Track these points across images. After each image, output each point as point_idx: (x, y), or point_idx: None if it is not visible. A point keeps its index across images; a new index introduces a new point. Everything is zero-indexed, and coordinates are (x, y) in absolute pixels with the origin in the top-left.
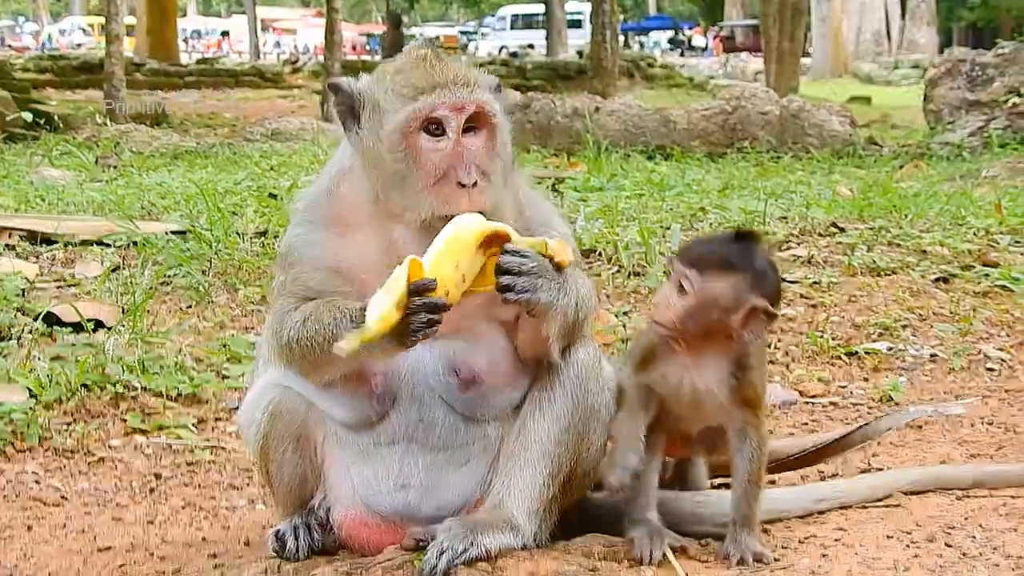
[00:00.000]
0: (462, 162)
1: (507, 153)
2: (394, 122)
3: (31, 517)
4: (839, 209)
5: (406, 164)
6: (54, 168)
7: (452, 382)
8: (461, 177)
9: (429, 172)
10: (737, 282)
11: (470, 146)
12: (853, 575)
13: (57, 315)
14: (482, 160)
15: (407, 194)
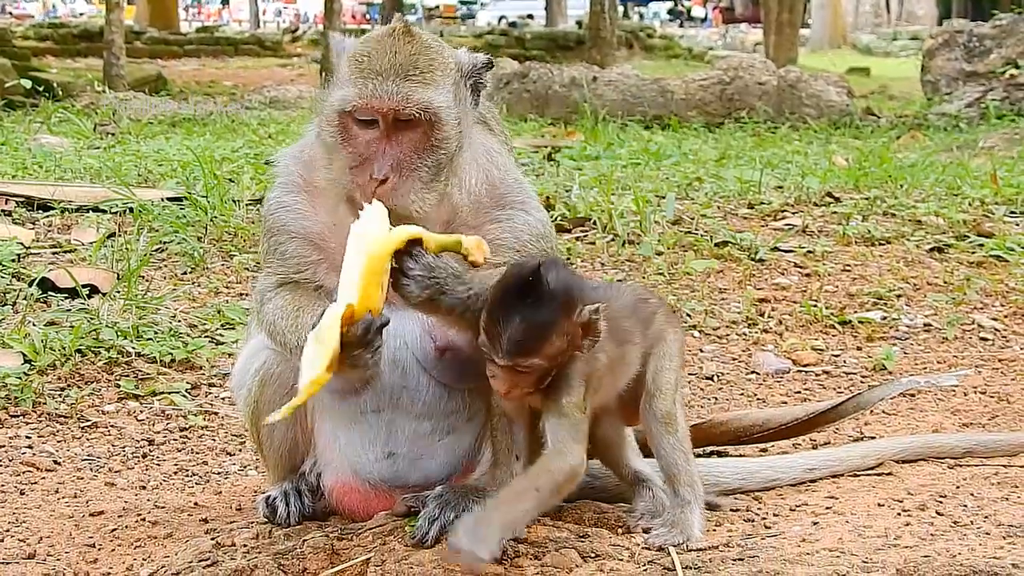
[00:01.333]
0: (380, 155)
1: (448, 146)
2: (332, 99)
3: (24, 482)
4: (835, 179)
5: (336, 141)
6: (52, 135)
7: (429, 349)
8: (375, 171)
9: (351, 155)
10: (560, 328)
11: (398, 141)
12: (844, 543)
13: (52, 281)
14: (407, 155)
15: (331, 168)
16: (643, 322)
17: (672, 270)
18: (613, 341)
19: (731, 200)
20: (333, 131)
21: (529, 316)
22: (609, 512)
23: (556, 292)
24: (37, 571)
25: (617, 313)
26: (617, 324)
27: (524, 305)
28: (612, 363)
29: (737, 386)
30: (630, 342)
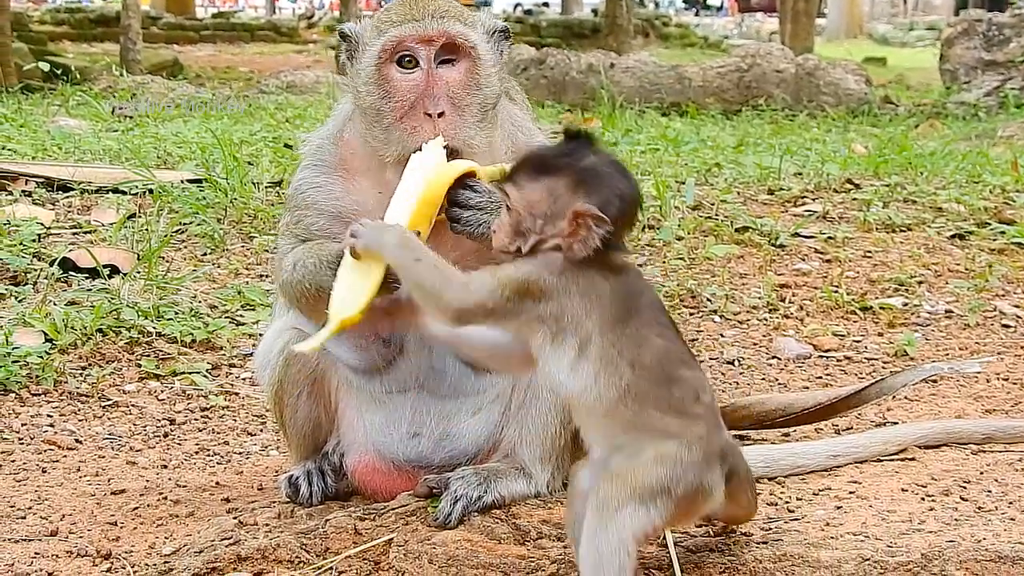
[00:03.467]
0: (430, 92)
1: (490, 87)
2: (369, 55)
3: (45, 460)
4: (854, 166)
5: (379, 97)
6: (71, 118)
7: None
8: (427, 106)
9: (399, 104)
10: (552, 186)
11: (443, 77)
12: (868, 527)
13: (73, 261)
14: (455, 92)
15: (382, 129)
16: (664, 389)
17: (692, 255)
18: (589, 301)
19: (751, 186)
20: (375, 88)
21: (550, 153)
22: None
23: (591, 160)
24: (60, 548)
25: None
26: (607, 295)
27: (557, 146)
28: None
29: (758, 371)
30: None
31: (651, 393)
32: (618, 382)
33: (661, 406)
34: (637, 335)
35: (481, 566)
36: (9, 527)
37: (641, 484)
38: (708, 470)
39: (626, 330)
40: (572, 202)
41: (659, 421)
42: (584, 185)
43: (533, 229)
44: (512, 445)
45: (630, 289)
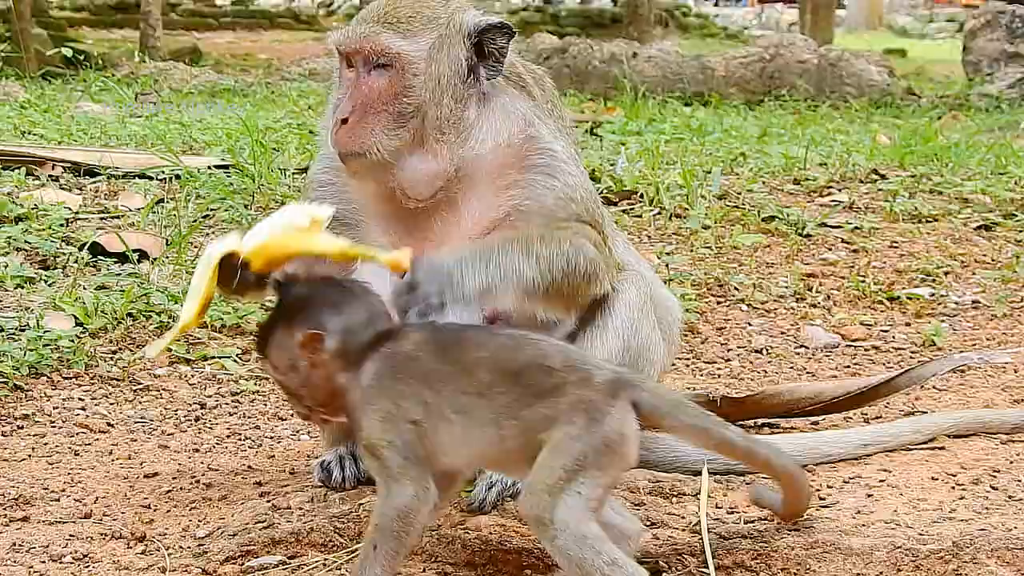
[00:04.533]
0: (347, 97)
1: (416, 96)
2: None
3: (78, 443)
4: (879, 157)
5: (335, 91)
6: (94, 103)
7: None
8: (340, 111)
9: (335, 101)
10: (276, 342)
11: (367, 85)
12: (899, 515)
13: (102, 245)
14: (371, 100)
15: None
16: (518, 386)
17: (720, 244)
18: (402, 384)
19: (776, 176)
20: (336, 81)
21: (266, 320)
22: (664, 481)
23: (286, 305)
24: (94, 531)
25: (415, 355)
26: (411, 369)
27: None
28: (420, 411)
29: (786, 360)
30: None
31: (515, 398)
32: (479, 421)
33: (527, 401)
34: (468, 364)
35: (514, 551)
36: (43, 509)
37: (556, 479)
38: (602, 423)
39: (455, 370)
40: (294, 338)
41: (534, 414)
42: (290, 320)
43: (302, 383)
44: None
45: (432, 345)
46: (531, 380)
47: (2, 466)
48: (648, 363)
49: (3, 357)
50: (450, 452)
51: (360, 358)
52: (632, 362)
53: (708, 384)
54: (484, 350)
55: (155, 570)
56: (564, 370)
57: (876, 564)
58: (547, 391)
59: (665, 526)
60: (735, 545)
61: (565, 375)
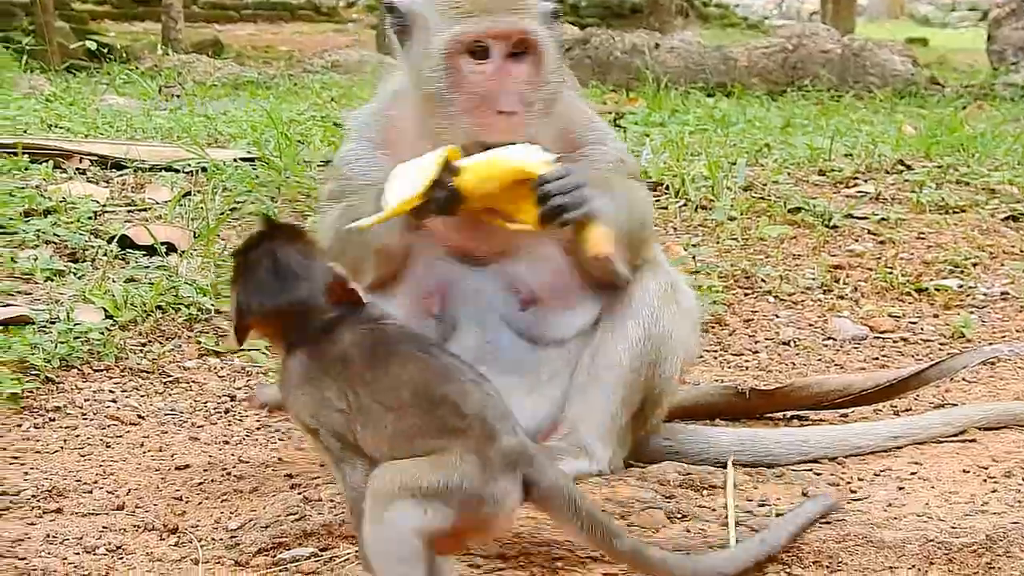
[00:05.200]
0: (503, 89)
1: (554, 81)
2: (438, 43)
3: (109, 435)
4: (905, 147)
5: (447, 86)
6: (119, 96)
7: (512, 302)
8: (501, 104)
9: (469, 96)
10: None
11: (513, 73)
12: (931, 508)
13: (130, 238)
14: (524, 88)
15: (447, 116)
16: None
17: (745, 235)
18: (329, 379)
19: (801, 167)
20: (443, 75)
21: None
22: (695, 474)
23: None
24: (127, 522)
25: (346, 355)
26: (338, 367)
27: None
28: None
29: (814, 352)
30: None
31: (419, 424)
32: (383, 431)
33: (431, 432)
34: (392, 377)
35: (545, 543)
36: (76, 501)
37: (415, 482)
38: (489, 481)
39: (379, 378)
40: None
41: (432, 444)
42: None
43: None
44: (573, 423)
45: (372, 340)
46: (440, 414)
47: (35, 458)
48: (670, 352)
49: (34, 350)
50: (368, 446)
51: (288, 340)
52: (653, 351)
53: (736, 376)
54: (412, 370)
55: (188, 562)
56: (475, 419)
57: (908, 557)
58: (448, 431)
59: (696, 519)
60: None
61: (473, 424)
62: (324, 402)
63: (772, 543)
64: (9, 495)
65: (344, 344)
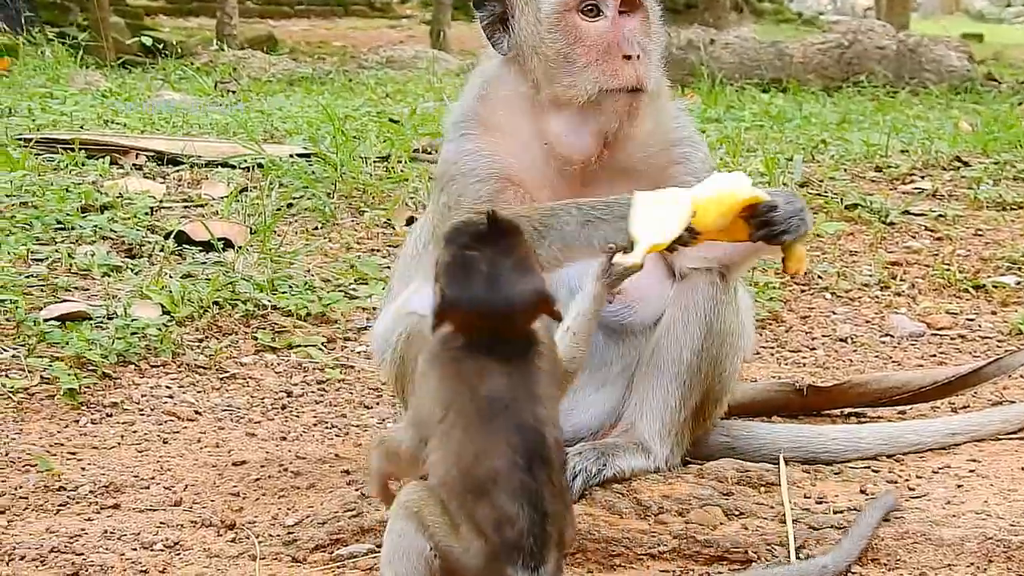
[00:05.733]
0: (623, 36)
1: (661, 36)
2: (547, 5)
3: (166, 431)
4: (961, 143)
5: (566, 43)
6: (174, 92)
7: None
8: (624, 49)
9: (591, 48)
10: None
11: (627, 23)
12: (989, 506)
13: (187, 234)
14: (640, 38)
15: (571, 72)
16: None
17: None
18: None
19: (858, 163)
20: (560, 34)
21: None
22: (752, 471)
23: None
24: (184, 518)
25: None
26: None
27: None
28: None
29: (872, 349)
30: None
31: (461, 496)
32: (442, 468)
33: (463, 511)
34: (478, 442)
35: (603, 540)
36: (133, 497)
37: (431, 525)
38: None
39: (472, 432)
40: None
41: (455, 518)
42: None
43: None
44: (632, 420)
45: (492, 392)
46: (482, 512)
47: (92, 454)
48: (731, 348)
49: (91, 345)
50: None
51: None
52: (714, 348)
53: (793, 373)
54: (498, 448)
55: (245, 558)
56: (503, 542)
57: (967, 555)
58: (478, 529)
59: (754, 516)
60: (825, 536)
61: (497, 546)
62: (433, 400)
63: (850, 552)
64: (67, 491)
65: (474, 367)
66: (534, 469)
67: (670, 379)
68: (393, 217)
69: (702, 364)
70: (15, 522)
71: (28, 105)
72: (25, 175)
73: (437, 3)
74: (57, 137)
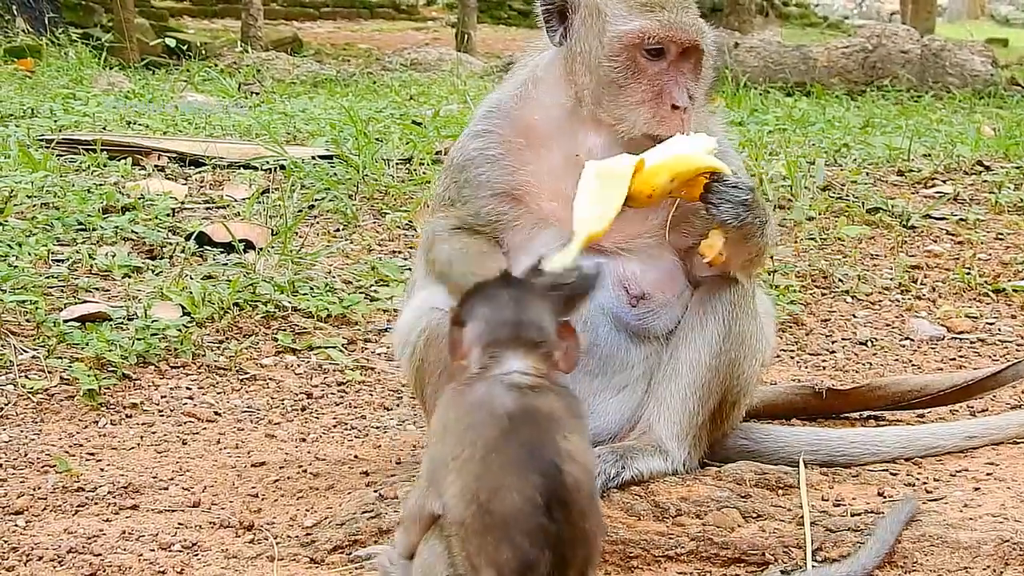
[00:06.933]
0: (677, 85)
1: (709, 78)
2: (618, 32)
3: (186, 432)
4: (984, 148)
5: (623, 75)
6: (198, 93)
7: (622, 297)
8: (676, 99)
9: (645, 88)
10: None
11: (683, 69)
12: (1007, 509)
13: (208, 235)
14: (690, 85)
15: (619, 104)
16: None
17: (824, 235)
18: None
19: (880, 167)
20: (618, 65)
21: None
22: (770, 473)
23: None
24: (203, 519)
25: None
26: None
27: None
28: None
29: (891, 352)
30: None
31: (478, 535)
32: (457, 501)
33: (484, 554)
34: (496, 477)
35: (621, 542)
36: (152, 498)
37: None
38: None
39: (489, 462)
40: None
41: (475, 560)
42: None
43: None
44: (649, 422)
45: (514, 419)
46: (505, 556)
47: (111, 455)
48: (748, 353)
49: (111, 346)
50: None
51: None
52: (732, 351)
53: (813, 376)
54: (520, 494)
55: (263, 559)
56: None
57: (983, 558)
58: (499, 570)
59: (772, 518)
60: (842, 538)
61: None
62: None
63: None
64: (85, 491)
65: (493, 393)
66: (553, 511)
67: (688, 382)
68: (415, 219)
69: (720, 368)
70: (33, 523)
71: (51, 106)
72: (47, 176)
73: (463, 5)
74: (79, 138)
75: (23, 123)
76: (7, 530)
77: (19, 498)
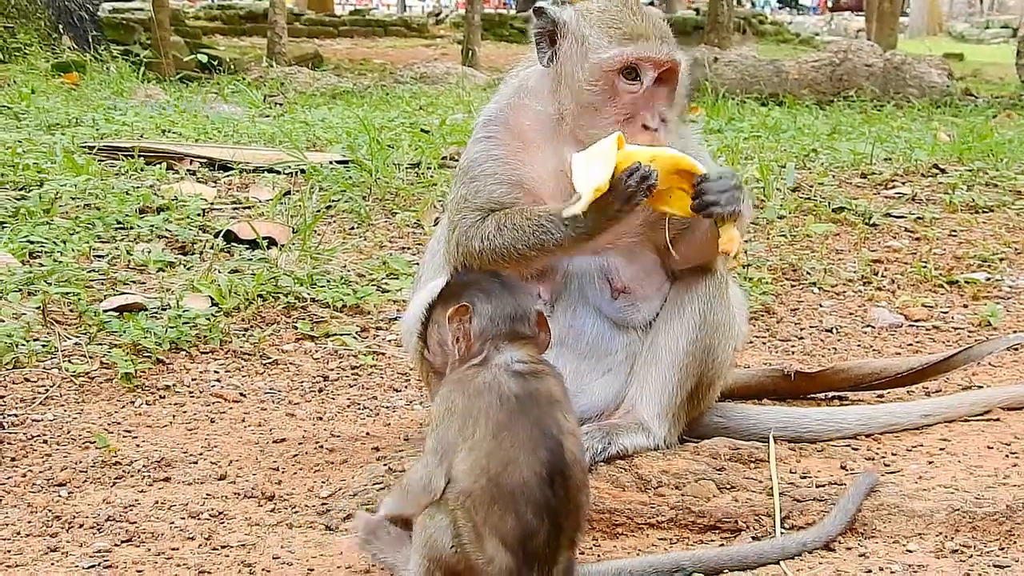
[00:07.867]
0: (650, 108)
1: (684, 99)
2: (598, 59)
3: (213, 412)
4: (940, 152)
5: (600, 98)
6: (227, 104)
7: (605, 290)
8: (647, 121)
9: (619, 110)
10: (434, 313)
11: (657, 95)
12: (957, 480)
13: (235, 233)
14: (664, 108)
15: (595, 124)
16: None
17: (793, 232)
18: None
19: (845, 170)
20: (597, 88)
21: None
22: (743, 448)
23: (449, 286)
24: (228, 490)
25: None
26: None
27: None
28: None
29: (854, 338)
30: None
31: (485, 506)
32: (469, 477)
33: (489, 523)
34: (507, 453)
35: (607, 511)
36: (183, 471)
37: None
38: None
39: (501, 443)
40: (443, 313)
41: (481, 529)
42: (450, 295)
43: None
44: (633, 402)
45: (522, 402)
46: (509, 524)
47: (146, 432)
48: (722, 339)
49: (147, 334)
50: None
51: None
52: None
53: (783, 360)
54: (528, 468)
55: (283, 526)
56: (525, 554)
57: (936, 525)
58: (504, 540)
59: (744, 489)
60: (808, 507)
61: (518, 558)
62: (453, 421)
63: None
64: (122, 465)
65: (490, 377)
66: (555, 485)
67: (668, 366)
68: (422, 218)
69: (696, 352)
70: (75, 493)
71: (93, 116)
72: (89, 179)
73: (468, 24)
74: (119, 145)
75: (68, 131)
76: (52, 500)
77: (62, 471)
